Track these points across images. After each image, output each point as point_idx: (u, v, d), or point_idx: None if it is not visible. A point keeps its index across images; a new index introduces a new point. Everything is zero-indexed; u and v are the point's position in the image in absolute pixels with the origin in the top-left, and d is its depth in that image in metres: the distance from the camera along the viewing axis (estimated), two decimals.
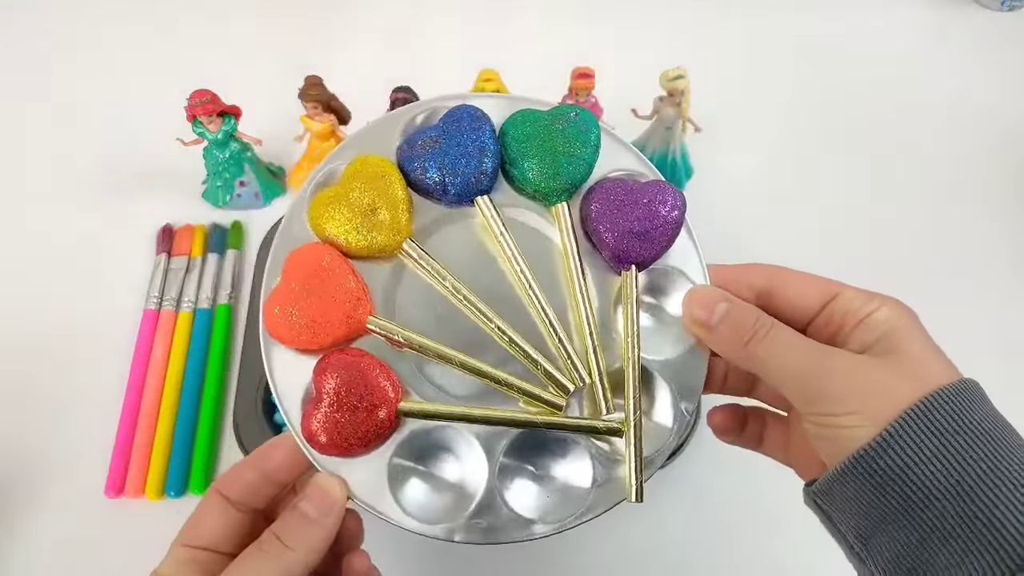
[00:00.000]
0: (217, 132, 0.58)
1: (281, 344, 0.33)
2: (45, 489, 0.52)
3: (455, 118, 0.35)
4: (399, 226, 0.34)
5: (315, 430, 0.32)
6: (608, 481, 0.34)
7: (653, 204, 0.35)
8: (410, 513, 0.32)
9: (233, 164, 0.61)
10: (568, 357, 0.34)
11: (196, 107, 0.56)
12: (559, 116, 0.36)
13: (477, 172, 0.35)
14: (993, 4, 0.79)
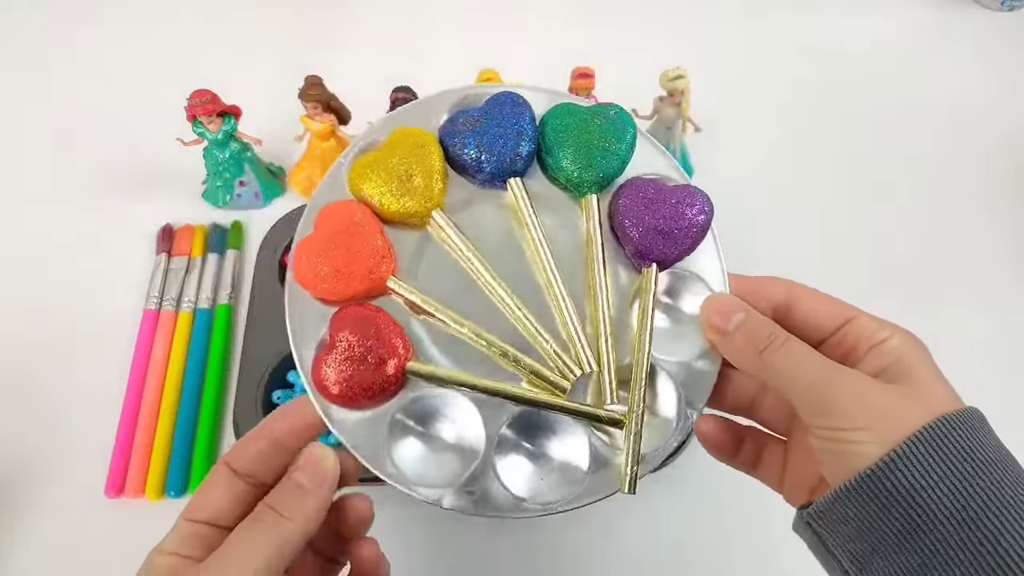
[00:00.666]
0: (217, 132, 0.58)
1: (305, 291, 0.34)
2: (45, 489, 0.52)
3: (498, 102, 0.37)
4: (431, 194, 0.35)
5: (325, 377, 0.33)
6: (603, 472, 0.34)
7: (681, 205, 0.35)
8: (404, 472, 0.33)
9: (233, 164, 0.61)
10: (579, 343, 0.34)
11: (196, 107, 0.56)
12: (598, 112, 0.37)
13: (513, 153, 0.36)
14: (993, 4, 0.79)
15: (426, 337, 0.35)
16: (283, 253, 0.59)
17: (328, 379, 0.33)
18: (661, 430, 0.34)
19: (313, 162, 0.62)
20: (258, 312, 0.56)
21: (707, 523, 0.51)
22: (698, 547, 0.51)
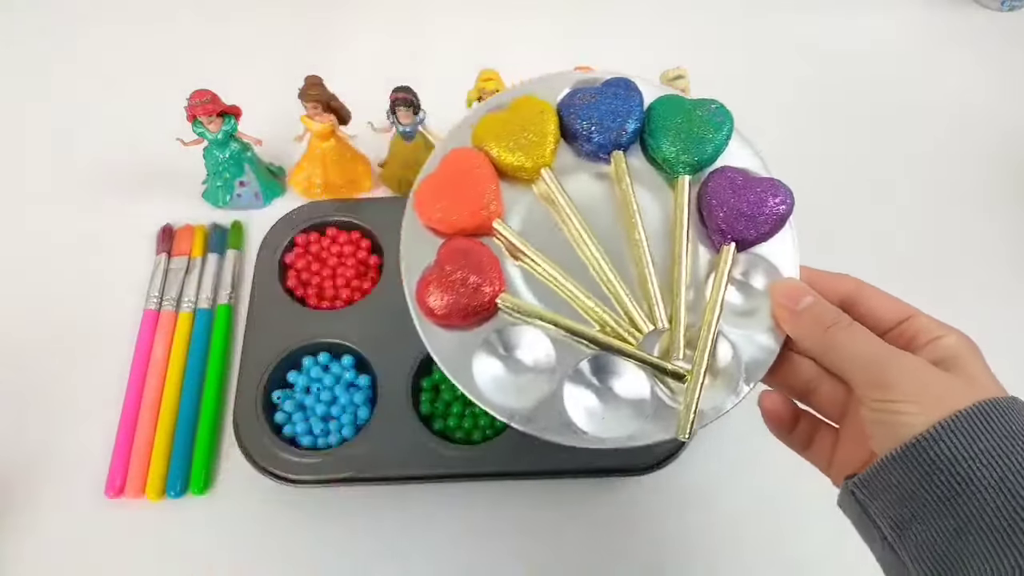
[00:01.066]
0: (217, 132, 0.58)
1: (420, 220, 0.39)
2: (46, 489, 0.52)
3: (614, 84, 0.42)
4: (543, 154, 0.40)
5: (427, 295, 0.37)
6: (661, 421, 0.37)
7: (766, 194, 0.39)
8: (480, 388, 0.37)
9: (233, 164, 0.61)
10: (656, 301, 0.38)
11: (196, 107, 0.56)
12: (701, 105, 0.41)
13: (620, 129, 0.40)
14: (993, 4, 0.79)
15: (518, 278, 0.39)
16: (283, 253, 0.59)
17: (430, 299, 0.37)
18: (719, 392, 0.37)
19: (313, 162, 0.62)
20: (258, 312, 0.56)
21: (707, 523, 0.52)
22: (698, 547, 0.51)
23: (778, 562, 0.51)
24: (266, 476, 0.50)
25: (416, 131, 0.59)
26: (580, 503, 0.52)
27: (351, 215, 0.61)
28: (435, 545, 0.51)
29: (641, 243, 0.39)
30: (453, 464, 0.50)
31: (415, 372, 0.53)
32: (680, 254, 0.39)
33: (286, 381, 0.55)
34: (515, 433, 0.51)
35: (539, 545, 0.51)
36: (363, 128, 0.60)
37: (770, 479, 0.53)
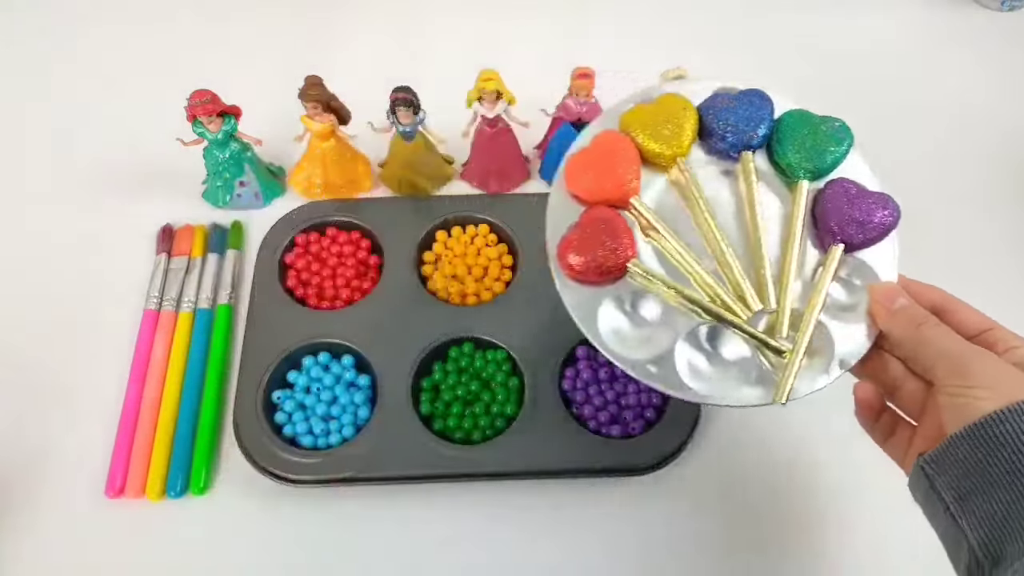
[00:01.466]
0: (217, 132, 0.58)
1: (567, 190, 0.45)
2: (46, 489, 0.52)
3: (750, 93, 0.47)
4: (680, 145, 0.45)
5: (567, 252, 0.43)
6: (760, 389, 0.42)
7: (876, 206, 0.44)
8: (603, 337, 0.42)
9: (233, 164, 0.61)
10: (767, 286, 0.43)
11: (196, 107, 0.56)
12: (826, 121, 0.47)
13: (752, 132, 0.46)
14: (993, 4, 0.79)
15: (645, 251, 0.44)
16: (283, 253, 0.60)
17: (570, 257, 0.42)
18: (814, 372, 0.42)
19: (313, 162, 0.62)
20: (258, 312, 0.56)
21: (707, 523, 0.52)
22: (698, 547, 0.51)
23: (778, 561, 0.51)
24: (266, 476, 0.51)
25: (416, 131, 0.59)
26: (581, 503, 0.52)
27: (351, 215, 0.61)
28: (436, 545, 0.51)
29: (760, 233, 0.44)
30: (453, 464, 0.50)
31: (415, 372, 0.54)
32: (792, 247, 0.44)
33: (286, 381, 0.55)
34: (515, 433, 0.52)
35: (540, 545, 0.51)
36: (363, 128, 0.60)
37: (769, 479, 0.53)
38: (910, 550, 0.51)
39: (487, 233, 0.61)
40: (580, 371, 0.54)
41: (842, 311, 0.43)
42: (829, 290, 0.43)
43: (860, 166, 0.47)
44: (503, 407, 0.53)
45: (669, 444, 0.51)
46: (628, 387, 0.53)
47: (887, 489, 0.53)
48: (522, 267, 0.59)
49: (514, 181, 0.65)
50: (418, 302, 0.57)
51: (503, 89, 0.57)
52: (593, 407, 0.53)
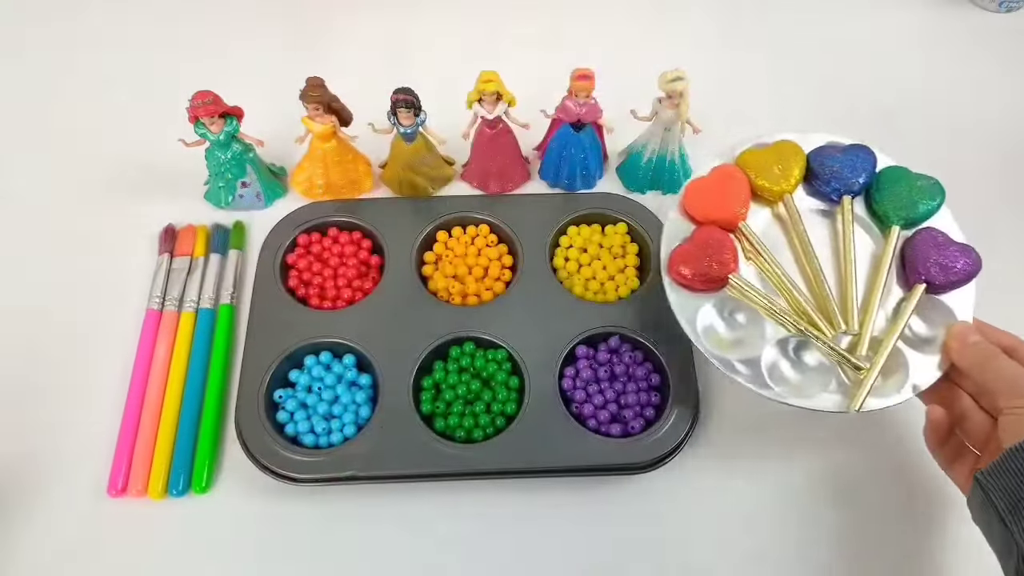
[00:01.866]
0: (219, 133, 0.58)
1: (686, 212, 0.53)
2: (48, 488, 0.52)
3: (857, 147, 0.54)
4: (787, 182, 0.53)
5: (679, 262, 0.50)
6: (837, 397, 0.48)
7: (960, 255, 0.50)
8: (701, 336, 0.49)
9: (235, 165, 0.61)
10: (852, 311, 0.49)
11: (198, 108, 0.56)
12: (922, 178, 0.53)
13: (853, 179, 0.53)
14: (990, 5, 0.80)
15: (746, 271, 0.52)
16: (285, 253, 0.60)
17: (681, 267, 0.50)
18: (888, 390, 0.48)
19: (314, 163, 0.62)
20: (260, 312, 0.57)
21: (707, 523, 0.52)
22: (698, 547, 0.51)
23: (778, 560, 0.51)
24: (268, 475, 0.51)
25: (417, 132, 0.59)
26: (581, 501, 0.52)
27: (352, 215, 0.62)
28: (436, 543, 0.51)
29: (851, 265, 0.51)
30: (454, 463, 0.51)
31: (416, 371, 0.54)
32: (880, 280, 0.50)
33: (288, 380, 0.55)
34: (516, 432, 0.52)
35: (540, 543, 0.51)
36: (364, 129, 0.60)
37: (768, 477, 0.53)
38: (909, 549, 0.51)
39: (487, 233, 0.61)
40: (580, 370, 0.54)
41: (919, 343, 0.49)
42: (909, 323, 0.49)
43: (948, 219, 0.53)
44: (503, 406, 0.53)
45: (668, 443, 0.51)
46: (628, 386, 0.54)
47: (886, 488, 0.53)
48: (522, 267, 0.59)
49: (514, 182, 0.65)
50: (419, 302, 0.57)
51: (503, 90, 0.57)
52: (593, 406, 0.53)
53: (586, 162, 0.63)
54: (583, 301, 0.58)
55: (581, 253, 0.60)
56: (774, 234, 0.53)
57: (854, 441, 0.54)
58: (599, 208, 0.62)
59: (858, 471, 0.54)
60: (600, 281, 0.59)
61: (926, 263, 0.50)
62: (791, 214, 0.53)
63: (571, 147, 0.61)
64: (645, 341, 0.55)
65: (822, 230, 0.53)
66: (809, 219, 0.53)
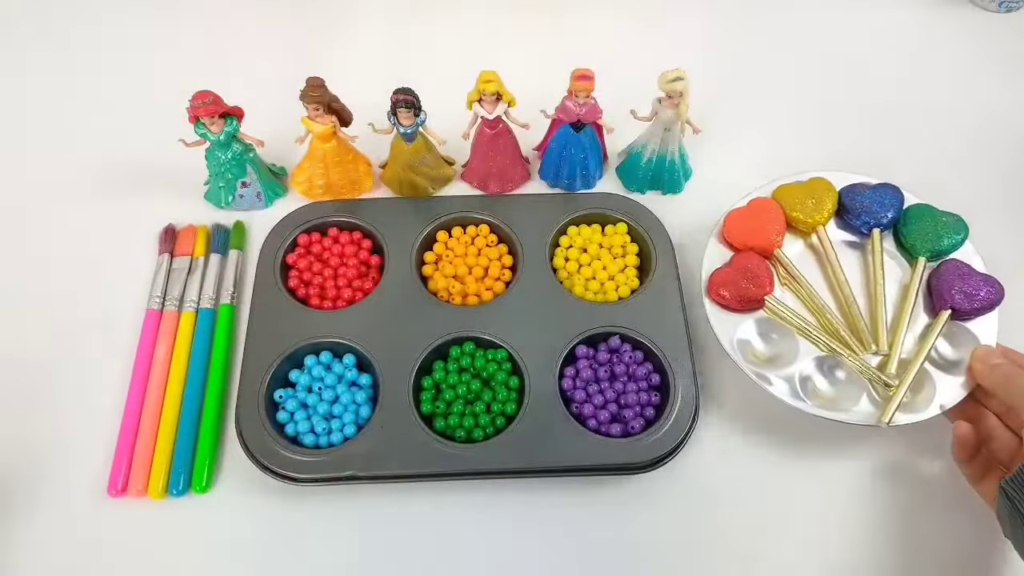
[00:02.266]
0: (219, 133, 0.58)
1: (725, 239, 0.58)
2: (48, 488, 0.52)
3: (885, 185, 0.59)
4: (820, 217, 0.58)
5: (717, 284, 0.55)
6: (867, 412, 0.51)
7: (983, 284, 0.54)
8: (738, 354, 0.53)
9: (235, 165, 0.61)
10: (882, 333, 0.54)
11: (198, 108, 0.56)
12: (947, 214, 0.58)
13: (881, 214, 0.58)
14: (990, 5, 0.80)
15: (782, 295, 0.56)
16: (285, 253, 0.60)
17: (720, 289, 0.54)
18: (916, 407, 0.51)
19: (315, 163, 0.62)
20: (260, 312, 0.57)
21: (707, 523, 0.52)
22: (698, 547, 0.51)
23: (777, 558, 0.51)
24: (268, 475, 0.51)
25: (417, 132, 0.60)
26: (581, 501, 0.52)
27: (352, 215, 0.62)
28: (436, 543, 0.51)
29: (880, 290, 0.55)
30: (454, 462, 0.51)
31: (416, 371, 0.54)
32: (908, 306, 0.55)
33: (288, 380, 0.55)
34: (516, 432, 0.52)
35: (540, 543, 0.51)
36: (364, 129, 0.60)
37: (768, 477, 0.53)
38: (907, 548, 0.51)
39: (487, 233, 0.61)
40: (580, 370, 0.54)
41: (947, 365, 0.53)
42: (937, 347, 0.53)
43: (972, 253, 0.57)
44: (504, 406, 0.53)
45: (668, 442, 0.51)
46: (628, 386, 0.54)
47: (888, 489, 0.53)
48: (522, 267, 0.59)
49: (514, 182, 0.65)
50: (419, 302, 0.57)
51: (503, 90, 0.57)
52: (593, 406, 0.53)
53: (586, 162, 0.63)
54: (583, 301, 0.58)
55: (581, 253, 0.60)
56: (807, 263, 0.58)
57: (856, 442, 0.54)
58: (599, 208, 0.62)
59: (860, 471, 0.54)
60: (600, 281, 0.59)
61: (951, 291, 0.53)
62: (824, 244, 0.57)
63: (571, 147, 0.61)
64: (645, 341, 0.55)
65: (852, 260, 0.58)
66: (840, 250, 0.58)
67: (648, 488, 0.52)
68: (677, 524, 0.52)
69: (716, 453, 0.54)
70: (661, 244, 0.60)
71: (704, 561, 0.51)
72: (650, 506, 0.52)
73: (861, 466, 0.54)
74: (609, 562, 0.50)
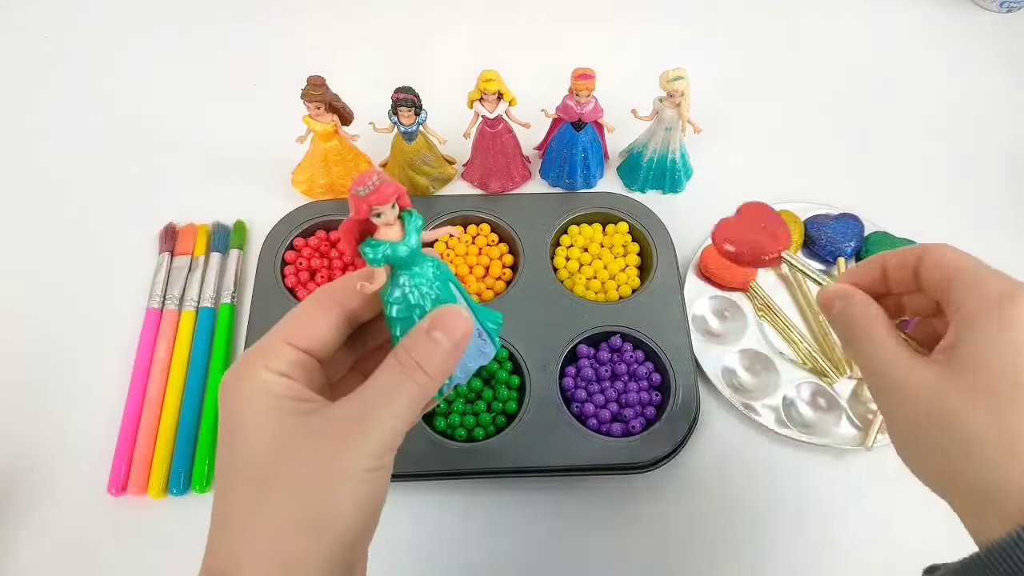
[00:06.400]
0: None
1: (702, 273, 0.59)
2: (49, 487, 0.52)
3: (847, 216, 0.62)
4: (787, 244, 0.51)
5: (722, 237, 0.45)
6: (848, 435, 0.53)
7: None
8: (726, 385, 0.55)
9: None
10: None
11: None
12: (904, 242, 0.60)
13: (845, 243, 0.60)
14: (991, 5, 0.80)
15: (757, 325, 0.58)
16: (285, 252, 0.60)
17: (727, 242, 0.45)
18: None
19: (316, 162, 0.62)
20: (260, 311, 0.57)
21: (707, 523, 0.52)
22: (698, 547, 0.51)
23: (778, 558, 0.51)
24: None
25: (417, 131, 0.60)
26: (582, 500, 0.52)
27: None
28: (436, 543, 0.51)
29: None
30: (455, 462, 0.51)
31: None
32: None
33: None
34: (517, 431, 0.52)
35: (541, 542, 0.51)
36: (365, 128, 0.60)
37: (769, 476, 0.53)
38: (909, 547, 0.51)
39: (488, 233, 0.61)
40: (581, 369, 0.54)
41: None
42: None
43: None
44: (504, 405, 0.53)
45: (669, 442, 0.51)
46: (629, 386, 0.54)
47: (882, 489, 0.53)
48: (523, 266, 0.59)
49: (515, 181, 0.65)
50: None
51: (504, 89, 0.57)
52: (594, 405, 0.53)
53: (587, 161, 0.63)
54: (584, 300, 0.58)
55: (582, 252, 0.60)
56: (780, 293, 0.60)
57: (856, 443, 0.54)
58: (600, 207, 0.62)
59: (858, 473, 0.54)
60: (601, 280, 0.59)
61: None
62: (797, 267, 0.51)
63: (572, 146, 0.61)
64: (646, 341, 0.55)
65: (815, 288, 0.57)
66: (808, 280, 0.58)
67: (649, 488, 0.52)
68: (678, 524, 0.51)
69: (716, 453, 0.54)
70: (662, 243, 0.60)
71: (705, 561, 0.51)
72: (651, 506, 0.52)
73: (859, 467, 0.54)
74: (610, 562, 0.50)
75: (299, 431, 0.28)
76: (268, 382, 0.28)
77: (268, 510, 0.27)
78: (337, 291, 0.31)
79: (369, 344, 0.34)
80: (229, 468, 0.28)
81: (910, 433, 0.31)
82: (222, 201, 0.65)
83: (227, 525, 0.28)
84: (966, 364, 0.29)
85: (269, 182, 0.65)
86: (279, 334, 0.30)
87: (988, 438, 0.27)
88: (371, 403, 0.28)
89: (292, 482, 0.27)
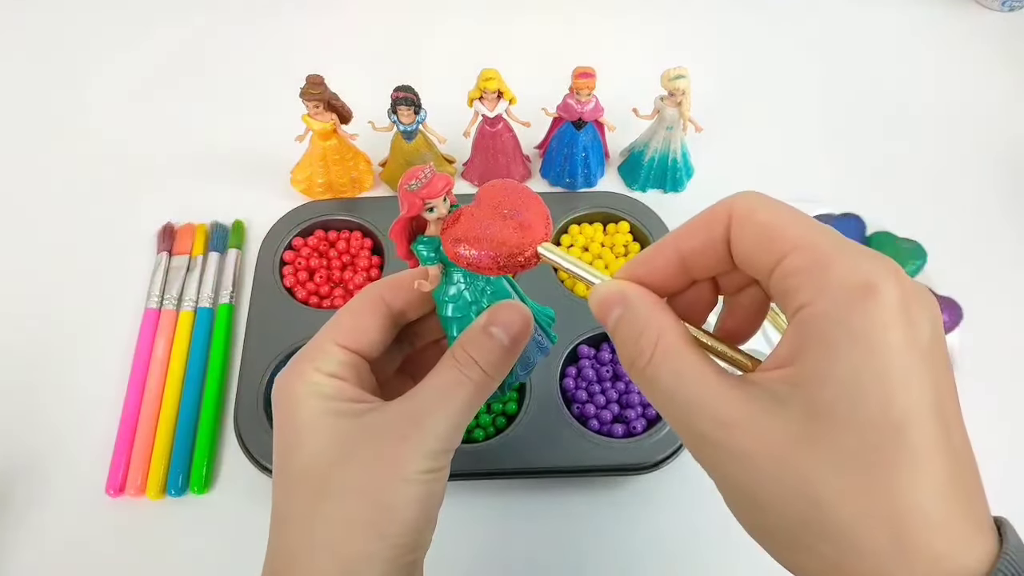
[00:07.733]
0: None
1: None
2: (46, 488, 0.52)
3: (848, 216, 0.60)
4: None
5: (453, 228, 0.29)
6: None
7: (944, 307, 0.54)
8: None
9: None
10: None
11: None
12: (906, 242, 0.59)
13: None
14: (993, 4, 0.79)
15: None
16: (284, 252, 0.59)
17: (461, 244, 0.28)
18: None
19: (314, 161, 0.62)
20: (259, 311, 0.56)
21: (707, 523, 0.52)
22: (698, 547, 0.51)
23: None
24: (267, 475, 0.50)
25: (417, 130, 0.59)
26: (583, 502, 0.52)
27: (352, 214, 0.61)
28: (435, 544, 0.50)
29: None
30: (455, 463, 0.50)
31: None
32: None
33: None
34: (517, 432, 0.52)
35: (541, 544, 0.51)
36: (364, 127, 0.60)
37: None
38: None
39: None
40: (582, 369, 0.54)
41: None
42: None
43: (934, 276, 0.58)
44: (504, 406, 0.53)
45: (671, 442, 0.51)
46: (630, 386, 0.53)
47: None
48: None
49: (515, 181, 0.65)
50: None
51: (504, 88, 0.57)
52: (595, 406, 0.53)
53: (587, 161, 0.62)
54: (585, 300, 0.57)
55: (583, 252, 0.60)
56: None
57: None
58: (601, 207, 0.62)
59: None
60: None
61: None
62: None
63: (572, 146, 0.61)
64: None
65: None
66: None
67: (650, 489, 0.52)
68: (679, 525, 0.51)
69: None
70: None
71: (706, 562, 0.50)
72: (652, 507, 0.52)
73: None
74: (610, 563, 0.50)
75: (356, 432, 0.28)
76: (319, 384, 0.28)
77: (329, 512, 0.27)
78: (385, 290, 0.31)
79: (416, 344, 0.34)
80: (287, 470, 0.29)
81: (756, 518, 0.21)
82: (220, 200, 0.64)
83: (288, 527, 0.28)
84: (816, 405, 0.20)
85: (268, 181, 0.65)
86: (328, 335, 0.30)
87: (862, 526, 0.19)
88: (428, 403, 0.28)
89: (352, 484, 0.27)
